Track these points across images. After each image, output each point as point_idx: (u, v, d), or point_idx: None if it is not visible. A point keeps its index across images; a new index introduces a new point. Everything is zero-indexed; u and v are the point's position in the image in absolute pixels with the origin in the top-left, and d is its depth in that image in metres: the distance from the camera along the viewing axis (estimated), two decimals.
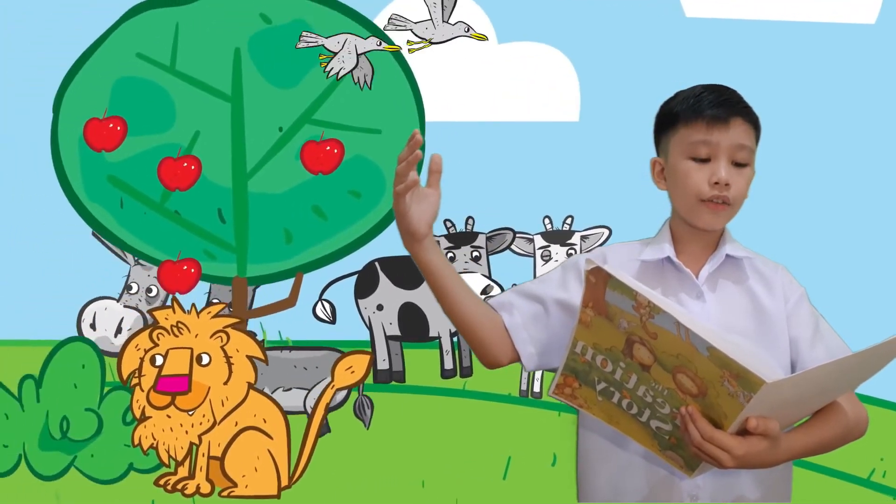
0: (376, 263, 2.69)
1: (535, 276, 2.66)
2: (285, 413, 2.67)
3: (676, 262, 1.53)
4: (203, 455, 2.67)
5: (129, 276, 3.09)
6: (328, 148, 2.67)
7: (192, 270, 2.71)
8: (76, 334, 2.77)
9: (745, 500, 1.48)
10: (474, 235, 2.69)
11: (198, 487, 2.67)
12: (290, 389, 2.70)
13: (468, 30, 2.66)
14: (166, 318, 2.67)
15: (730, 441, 1.26)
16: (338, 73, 2.44)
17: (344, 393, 2.70)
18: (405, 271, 2.67)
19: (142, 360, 2.66)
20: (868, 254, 2.62)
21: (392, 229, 2.54)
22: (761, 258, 1.59)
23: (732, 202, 1.49)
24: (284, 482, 2.65)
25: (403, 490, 2.66)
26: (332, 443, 2.68)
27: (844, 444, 1.51)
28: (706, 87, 1.52)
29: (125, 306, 3.34)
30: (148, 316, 3.37)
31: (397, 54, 2.68)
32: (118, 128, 2.67)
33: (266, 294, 2.73)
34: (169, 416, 2.65)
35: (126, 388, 2.67)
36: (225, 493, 2.66)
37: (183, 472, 2.68)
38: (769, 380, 1.17)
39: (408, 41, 2.69)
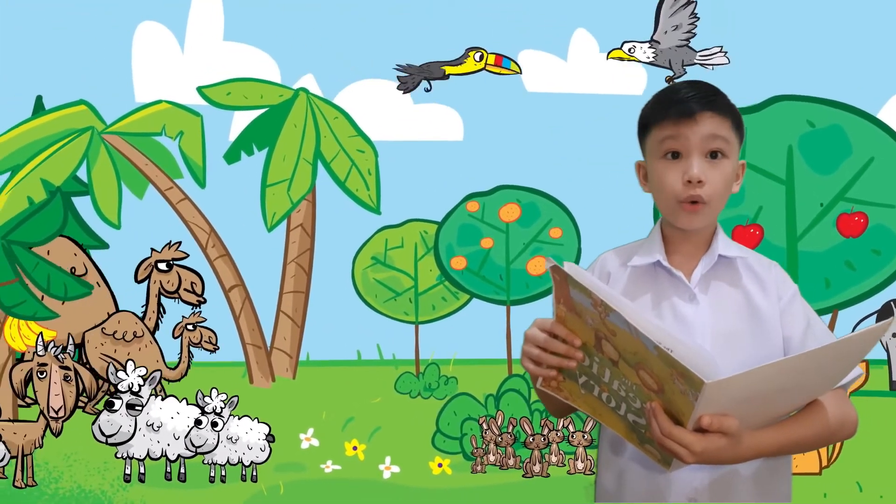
0: (892, 302, 3.65)
1: None
2: None
3: (667, 266, 1.48)
4: None
5: None
6: (857, 218, 3.61)
7: None
8: None
9: (743, 501, 1.45)
10: None
11: None
12: None
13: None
14: None
15: (688, 437, 1.24)
16: None
17: None
18: None
19: None
20: None
21: None
22: (755, 255, 1.53)
23: (708, 200, 1.42)
24: (825, 462, 3.54)
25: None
26: None
27: (828, 444, 1.46)
28: (679, 83, 1.47)
29: None
30: None
31: None
32: None
33: None
34: None
35: None
36: None
37: None
38: (709, 380, 1.16)
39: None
